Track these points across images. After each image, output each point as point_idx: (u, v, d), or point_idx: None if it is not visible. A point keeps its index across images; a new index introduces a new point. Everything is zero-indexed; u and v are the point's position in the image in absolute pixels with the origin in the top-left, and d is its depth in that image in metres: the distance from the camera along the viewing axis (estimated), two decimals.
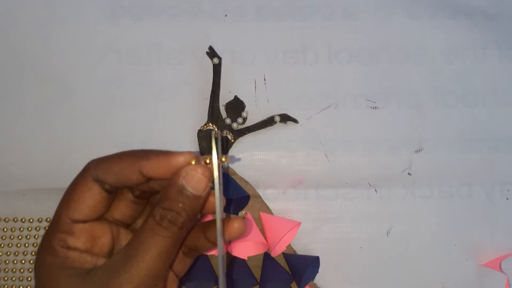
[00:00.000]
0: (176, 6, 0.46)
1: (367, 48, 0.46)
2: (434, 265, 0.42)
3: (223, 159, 0.27)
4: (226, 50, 0.45)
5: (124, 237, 0.29)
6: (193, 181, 0.26)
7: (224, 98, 0.44)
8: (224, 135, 0.43)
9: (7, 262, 0.42)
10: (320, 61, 0.45)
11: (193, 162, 0.26)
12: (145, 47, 0.45)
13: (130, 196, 0.29)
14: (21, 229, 0.42)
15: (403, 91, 0.45)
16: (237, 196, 0.41)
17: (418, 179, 0.44)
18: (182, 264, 0.30)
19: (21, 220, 0.42)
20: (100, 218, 0.28)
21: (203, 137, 0.43)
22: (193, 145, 0.43)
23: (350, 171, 0.43)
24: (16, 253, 0.42)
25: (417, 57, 0.46)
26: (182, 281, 0.39)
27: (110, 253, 0.29)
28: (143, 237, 0.25)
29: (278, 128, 0.44)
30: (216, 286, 0.40)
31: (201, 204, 0.26)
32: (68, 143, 0.43)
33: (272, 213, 0.43)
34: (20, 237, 0.42)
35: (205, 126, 0.43)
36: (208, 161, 0.27)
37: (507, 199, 0.44)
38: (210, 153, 0.41)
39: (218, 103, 0.44)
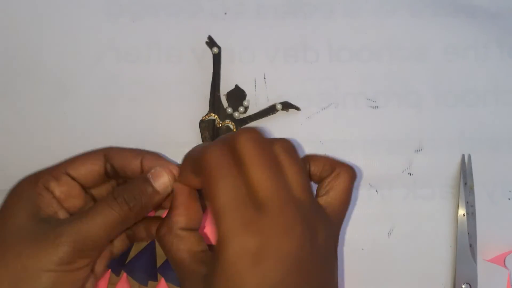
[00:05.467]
0: (176, 4, 0.45)
1: (368, 46, 0.45)
2: (436, 266, 0.42)
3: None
4: (225, 49, 0.45)
5: None
6: (159, 179, 0.30)
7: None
8: (226, 125, 0.43)
9: None
10: (320, 59, 0.45)
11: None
12: (144, 45, 0.45)
13: (102, 169, 0.32)
14: None
15: (403, 90, 0.45)
16: None
17: (419, 179, 0.43)
18: (121, 244, 0.33)
19: None
20: (85, 187, 0.32)
21: (205, 127, 0.43)
22: (195, 136, 0.43)
23: None
24: None
25: (418, 55, 0.45)
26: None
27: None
28: (97, 206, 0.28)
29: (278, 128, 0.44)
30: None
31: (157, 200, 0.30)
32: (67, 142, 0.43)
33: None
34: None
35: (206, 116, 0.43)
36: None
37: (509, 199, 0.43)
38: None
39: (219, 92, 0.44)
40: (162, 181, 0.30)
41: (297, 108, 0.44)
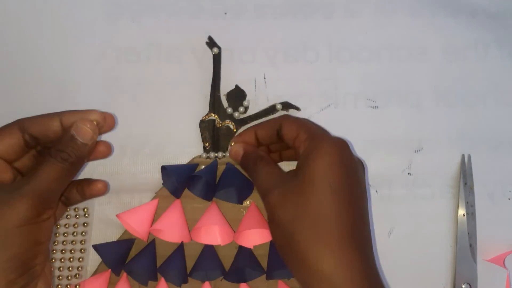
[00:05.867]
0: (175, 4, 0.45)
1: (368, 46, 0.45)
2: (436, 266, 0.42)
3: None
4: (225, 49, 0.45)
5: None
6: (81, 132, 0.34)
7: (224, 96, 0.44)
8: (226, 125, 0.43)
9: None
10: (320, 59, 0.45)
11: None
12: (144, 45, 0.45)
13: (21, 141, 0.35)
14: None
15: (403, 90, 0.45)
16: (240, 185, 0.40)
17: (418, 179, 0.43)
18: (59, 211, 0.38)
19: None
20: (9, 161, 0.35)
21: (205, 127, 0.43)
22: (195, 136, 0.43)
23: None
24: None
25: (418, 55, 0.45)
26: (190, 272, 0.39)
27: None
28: (43, 167, 0.32)
29: None
30: (222, 277, 0.40)
31: (88, 149, 0.34)
32: None
33: None
34: None
35: (207, 116, 0.43)
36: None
37: (509, 199, 0.43)
38: (211, 143, 0.41)
39: (219, 92, 0.44)
40: (85, 134, 0.34)
41: (297, 108, 0.44)
